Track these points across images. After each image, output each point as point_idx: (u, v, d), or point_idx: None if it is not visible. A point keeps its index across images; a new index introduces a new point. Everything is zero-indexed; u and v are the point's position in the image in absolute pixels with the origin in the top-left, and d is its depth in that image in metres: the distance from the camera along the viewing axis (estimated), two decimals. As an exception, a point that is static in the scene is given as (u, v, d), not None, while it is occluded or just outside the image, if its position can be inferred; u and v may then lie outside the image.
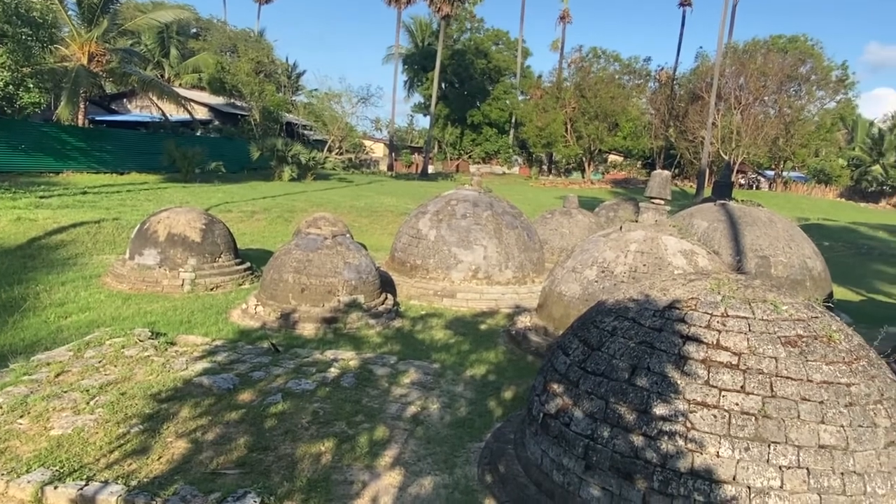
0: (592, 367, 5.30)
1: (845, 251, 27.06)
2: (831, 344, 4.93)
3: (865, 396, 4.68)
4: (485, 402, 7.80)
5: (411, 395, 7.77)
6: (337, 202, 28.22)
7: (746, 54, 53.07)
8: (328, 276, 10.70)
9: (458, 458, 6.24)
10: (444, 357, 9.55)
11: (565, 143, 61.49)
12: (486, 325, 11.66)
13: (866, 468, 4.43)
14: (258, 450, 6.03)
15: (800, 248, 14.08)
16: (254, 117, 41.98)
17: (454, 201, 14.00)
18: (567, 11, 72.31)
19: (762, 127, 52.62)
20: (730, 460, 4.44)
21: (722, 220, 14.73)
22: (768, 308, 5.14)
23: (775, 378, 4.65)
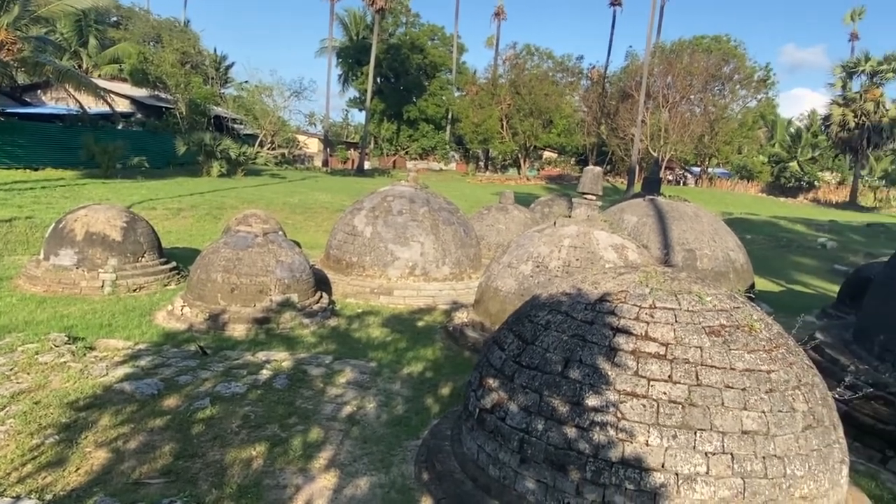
0: (527, 361, 5.35)
1: (766, 244, 28.35)
2: (752, 333, 5.14)
3: (784, 383, 4.90)
4: (422, 399, 7.78)
5: (347, 394, 7.68)
6: (269, 199, 27.62)
7: (673, 54, 55.03)
8: (259, 275, 10.42)
9: (394, 456, 6.20)
10: (381, 355, 9.47)
11: (501, 140, 62.24)
12: (424, 321, 11.63)
13: (786, 451, 4.63)
14: (185, 457, 5.82)
15: (723, 242, 14.67)
16: (179, 110, 40.47)
17: (390, 197, 13.91)
18: (501, 8, 73.14)
19: (689, 125, 54.67)
20: (658, 448, 4.56)
21: (651, 214, 15.19)
22: (693, 299, 5.31)
23: (700, 367, 4.80)
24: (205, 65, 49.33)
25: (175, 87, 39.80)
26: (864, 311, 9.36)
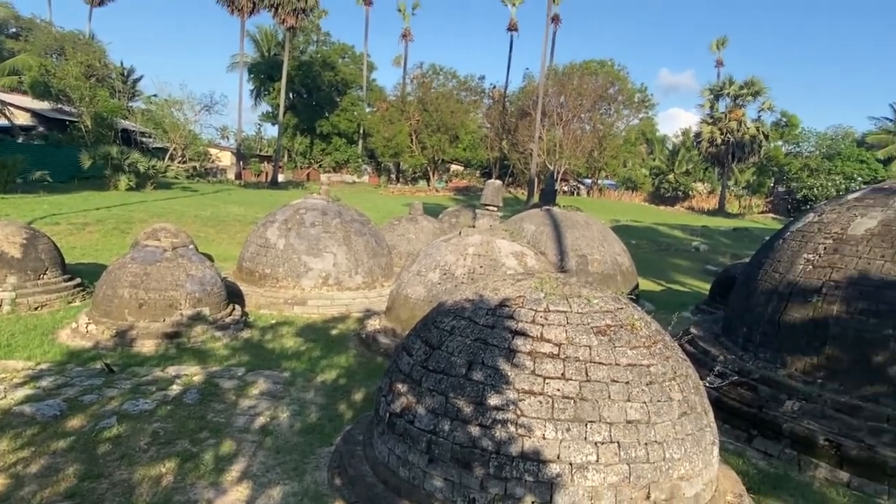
0: (433, 366, 5.36)
1: (648, 248, 29.89)
2: (634, 331, 5.38)
3: (662, 375, 5.16)
4: (335, 406, 7.62)
5: (260, 405, 7.39)
6: (180, 212, 26.32)
7: (565, 76, 57.18)
8: (169, 290, 9.89)
9: (308, 464, 6.04)
10: (295, 365, 9.20)
11: (411, 153, 62.46)
12: (338, 330, 11.42)
13: (665, 437, 4.87)
14: (90, 478, 5.40)
15: (611, 247, 15.37)
16: (85, 123, 37.81)
17: (303, 210, 13.61)
18: (408, 30, 73.53)
19: (580, 141, 57.02)
20: (554, 441, 4.69)
21: (547, 223, 15.69)
22: (583, 302, 5.51)
23: (590, 364, 4.98)
24: (111, 78, 46.51)
25: (79, 101, 37.20)
26: (729, 306, 10.03)
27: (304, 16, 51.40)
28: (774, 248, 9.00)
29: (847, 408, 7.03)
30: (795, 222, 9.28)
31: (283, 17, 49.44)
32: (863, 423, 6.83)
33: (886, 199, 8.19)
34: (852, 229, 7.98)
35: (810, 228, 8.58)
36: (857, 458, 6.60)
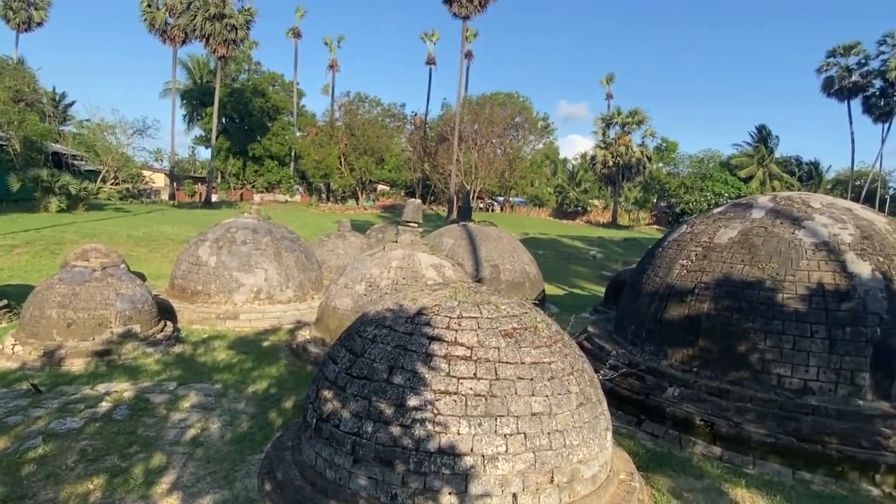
0: (357, 372, 5.25)
1: (553, 257, 30.76)
2: (537, 332, 5.48)
3: (562, 370, 5.28)
4: (266, 414, 7.30)
5: (191, 418, 6.97)
6: (112, 232, 24.65)
7: (478, 106, 58.25)
8: (98, 309, 9.21)
9: (238, 472, 5.75)
10: (227, 377, 8.74)
11: (340, 175, 61.61)
12: (269, 341, 10.98)
13: (565, 426, 4.98)
14: (13, 500, 4.92)
15: (520, 257, 15.69)
16: (13, 147, 34.85)
17: (234, 229, 13.08)
18: (335, 61, 72.66)
19: (493, 163, 58.18)
20: (467, 436, 4.68)
21: (464, 237, 15.83)
22: (492, 308, 5.56)
23: (498, 364, 5.02)
24: (42, 102, 43.21)
25: (7, 125, 34.27)
26: (620, 307, 10.43)
27: (235, 46, 49.68)
28: (655, 255, 9.46)
29: (718, 391, 7.44)
30: (672, 233, 9.79)
31: (215, 46, 47.64)
32: (731, 405, 7.25)
33: (744, 213, 8.80)
34: (717, 238, 8.51)
35: (684, 238, 9.07)
36: (727, 435, 7.00)
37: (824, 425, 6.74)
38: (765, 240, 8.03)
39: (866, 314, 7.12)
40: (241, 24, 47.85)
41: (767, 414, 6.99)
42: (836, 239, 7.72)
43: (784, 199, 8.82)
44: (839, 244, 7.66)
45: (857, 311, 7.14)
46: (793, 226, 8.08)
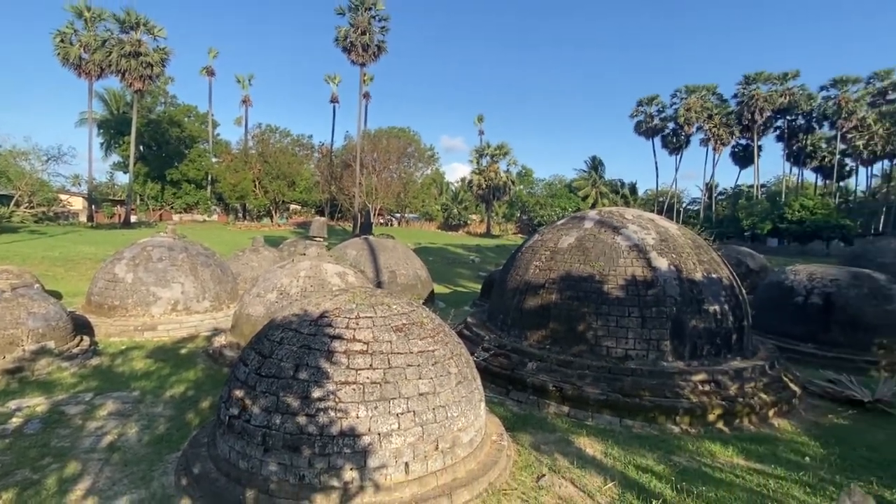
0: (266, 372, 4.93)
1: (441, 262, 31.19)
2: (423, 326, 5.48)
3: (443, 356, 5.31)
4: (184, 416, 6.62)
5: (108, 425, 6.14)
6: (26, 254, 21.35)
7: (376, 138, 57.86)
8: (9, 329, 7.86)
9: (155, 471, 5.15)
10: (145, 384, 7.83)
11: (255, 196, 58.09)
12: (187, 349, 10.00)
13: (446, 402, 5.01)
14: None
15: (413, 263, 15.71)
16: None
17: (150, 247, 11.82)
18: (248, 97, 68.54)
19: (390, 185, 57.97)
20: (365, 418, 4.56)
21: (365, 248, 15.56)
22: (385, 308, 5.48)
23: (391, 355, 4.95)
24: (-53, 131, 36.55)
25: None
26: (491, 300, 10.75)
27: (151, 81, 45.21)
28: (516, 258, 9.87)
29: (564, 363, 7.89)
30: (528, 241, 10.26)
31: (131, 81, 43.00)
32: (574, 372, 7.71)
33: (579, 224, 9.44)
34: (560, 244, 9.05)
35: (536, 244, 9.56)
36: (572, 396, 7.43)
37: (640, 383, 7.38)
38: (594, 244, 8.67)
39: (666, 297, 7.92)
40: (156, 61, 43.65)
41: (600, 377, 7.52)
42: (643, 241, 8.52)
43: (607, 212, 9.60)
44: (645, 245, 8.46)
45: (659, 295, 7.92)
46: (613, 232, 8.80)
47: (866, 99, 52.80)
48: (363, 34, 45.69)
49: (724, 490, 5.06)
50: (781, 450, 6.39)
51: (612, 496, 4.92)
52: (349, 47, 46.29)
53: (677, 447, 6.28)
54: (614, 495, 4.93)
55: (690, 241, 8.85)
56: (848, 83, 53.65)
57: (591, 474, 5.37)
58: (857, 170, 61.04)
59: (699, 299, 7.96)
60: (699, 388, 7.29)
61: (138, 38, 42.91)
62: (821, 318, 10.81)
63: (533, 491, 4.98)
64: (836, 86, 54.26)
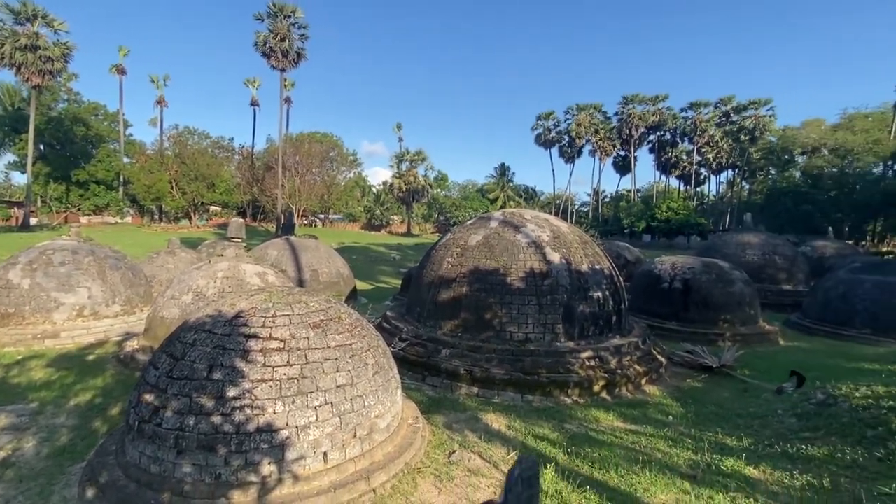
0: (178, 374, 4.53)
1: (364, 260, 30.61)
2: (340, 321, 5.33)
3: (360, 349, 5.21)
4: (90, 425, 5.88)
5: (0, 441, 5.31)
6: None
7: (298, 142, 55.41)
8: None
9: (56, 485, 4.54)
10: (44, 394, 6.82)
11: (172, 198, 53.16)
12: (95, 355, 8.89)
13: (364, 391, 4.92)
14: None
15: (335, 262, 15.25)
16: None
17: (50, 251, 10.35)
18: (163, 98, 62.52)
19: (314, 188, 55.82)
20: (283, 413, 4.36)
21: (287, 248, 14.84)
22: (302, 306, 5.25)
23: (308, 350, 4.77)
24: None
25: None
26: (409, 294, 10.75)
27: (51, 77, 39.58)
28: (430, 255, 9.94)
29: (474, 348, 8.09)
30: (441, 239, 10.38)
31: (28, 76, 37.40)
32: (482, 356, 7.93)
33: (486, 223, 9.71)
34: (470, 242, 9.26)
35: (448, 242, 9.69)
36: (480, 378, 7.64)
37: (538, 362, 7.77)
38: (498, 241, 8.97)
39: (558, 286, 8.40)
40: (57, 56, 38.30)
41: (505, 359, 7.81)
42: (540, 239, 8.97)
43: (509, 213, 9.97)
44: (541, 242, 8.90)
45: (553, 285, 8.38)
46: (515, 231, 9.17)
47: (714, 120, 59.87)
48: (283, 41, 43.46)
49: (605, 450, 5.49)
50: (651, 412, 7.05)
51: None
52: (269, 52, 43.80)
53: (569, 416, 6.70)
54: (516, 463, 5.14)
55: (578, 238, 9.46)
56: (701, 106, 60.49)
57: (496, 446, 5.55)
58: (709, 178, 69.01)
59: (585, 287, 8.54)
60: (586, 364, 7.83)
61: (35, 30, 37.40)
62: (681, 300, 12.08)
63: (445, 466, 5.05)
64: (693, 108, 60.96)
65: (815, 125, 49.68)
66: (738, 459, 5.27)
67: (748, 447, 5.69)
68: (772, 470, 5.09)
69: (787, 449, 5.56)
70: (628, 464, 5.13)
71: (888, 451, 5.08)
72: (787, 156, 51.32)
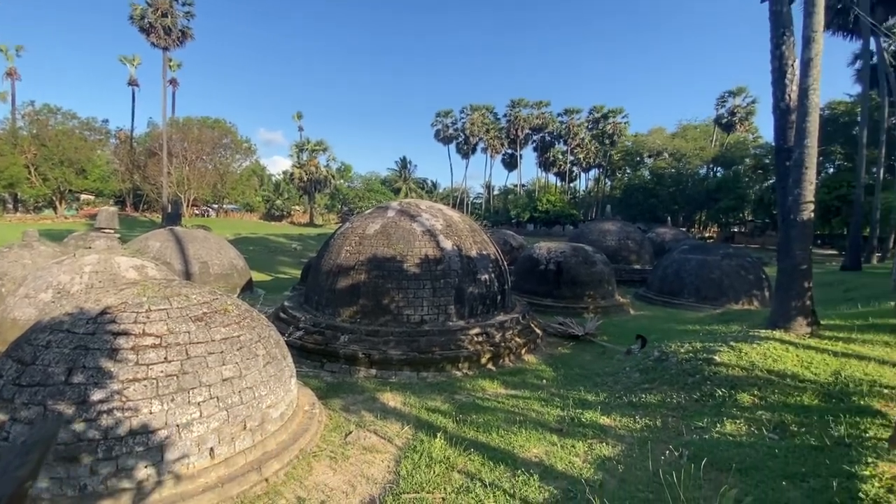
0: (27, 381, 3.81)
1: (262, 251, 28.56)
2: (227, 313, 4.91)
3: (250, 340, 4.85)
4: None
5: None
6: None
7: (186, 127, 49.36)
8: None
9: None
10: None
11: (31, 185, 44.08)
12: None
13: (254, 383, 4.61)
14: None
15: (228, 253, 13.98)
16: None
17: None
18: (14, 69, 51.21)
19: (205, 176, 50.31)
20: (160, 412, 3.90)
21: (171, 240, 13.24)
22: (182, 299, 4.74)
23: (189, 345, 4.32)
24: None
25: None
26: (307, 284, 10.28)
27: None
28: (329, 244, 9.59)
29: (373, 332, 8.02)
30: (340, 228, 10.07)
31: None
32: (380, 339, 7.90)
33: (384, 213, 9.62)
34: (368, 230, 9.11)
35: (347, 231, 9.43)
36: (378, 360, 7.61)
37: (433, 341, 7.96)
38: (395, 230, 8.95)
39: (450, 271, 8.66)
40: None
41: (402, 341, 7.87)
42: (434, 227, 9.14)
43: (406, 203, 9.99)
44: (435, 230, 9.08)
45: (446, 270, 8.61)
46: (411, 220, 9.22)
47: (585, 125, 65.98)
48: (164, 16, 38.14)
49: (489, 415, 5.83)
50: (528, 377, 7.65)
51: (408, 437, 5.21)
52: (148, 28, 38.18)
53: (459, 388, 6.99)
54: (409, 436, 5.23)
55: (468, 226, 9.82)
56: (574, 112, 66.18)
57: (391, 423, 5.59)
58: (580, 175, 76.10)
59: (474, 271, 8.92)
60: (475, 339, 8.21)
61: None
62: (555, 280, 13.22)
63: (341, 447, 4.96)
64: (567, 114, 66.45)
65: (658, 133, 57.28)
66: (594, 412, 5.96)
67: (603, 400, 6.45)
68: (620, 417, 5.83)
69: (632, 399, 6.41)
70: (508, 425, 5.51)
71: (702, 393, 6.10)
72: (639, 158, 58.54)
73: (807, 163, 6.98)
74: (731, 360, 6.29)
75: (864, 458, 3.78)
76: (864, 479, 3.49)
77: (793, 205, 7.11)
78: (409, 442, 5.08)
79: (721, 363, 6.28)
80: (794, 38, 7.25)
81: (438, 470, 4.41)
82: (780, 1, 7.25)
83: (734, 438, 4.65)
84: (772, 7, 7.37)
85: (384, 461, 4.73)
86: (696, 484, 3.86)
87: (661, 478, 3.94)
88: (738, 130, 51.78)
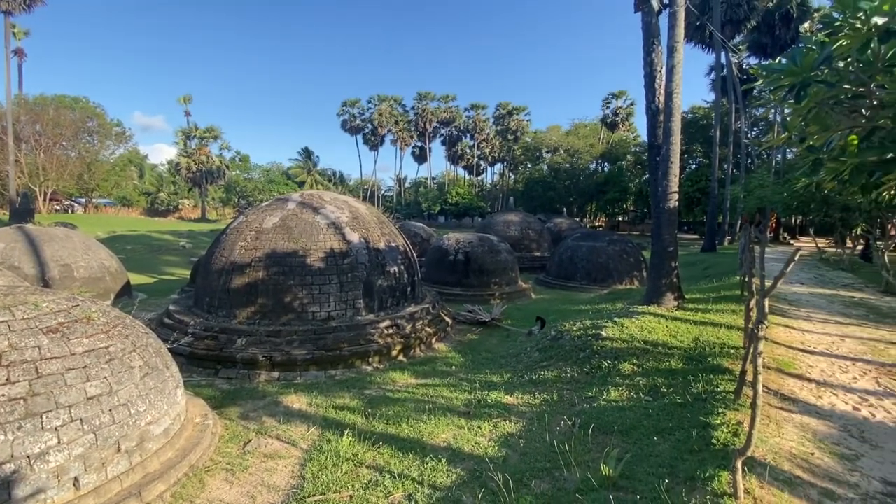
0: None
1: (143, 251, 25.25)
2: (90, 322, 4.27)
3: (122, 351, 4.28)
4: None
5: None
6: None
7: (38, 106, 41.45)
8: None
9: None
10: None
11: None
12: None
13: (129, 398, 4.08)
14: None
15: (97, 254, 12.12)
16: None
17: None
18: None
19: (66, 165, 42.86)
20: (4, 443, 3.27)
21: (20, 239, 11.10)
22: (30, 308, 4.01)
23: (41, 362, 3.67)
24: None
25: None
26: (197, 285, 9.35)
27: None
28: (221, 240, 8.80)
29: (274, 333, 7.57)
30: (233, 222, 9.29)
31: None
32: (283, 340, 7.49)
33: (283, 205, 9.07)
34: (265, 224, 8.52)
35: (241, 225, 8.73)
36: (282, 362, 7.21)
37: (340, 337, 7.74)
38: (297, 223, 8.50)
39: (358, 264, 8.47)
40: None
41: (307, 340, 7.54)
42: (339, 219, 8.85)
43: (308, 195, 9.52)
44: (341, 222, 8.80)
45: (353, 263, 8.41)
46: (314, 212, 8.81)
47: (490, 121, 68.62)
48: (0, -30, 31.43)
49: (399, 406, 5.84)
50: (439, 365, 7.81)
51: (314, 439, 5.02)
52: (-24, -18, 31.16)
53: (369, 382, 6.90)
54: (315, 437, 5.04)
55: (376, 218, 9.67)
56: (480, 108, 68.45)
57: (296, 426, 5.33)
58: (487, 169, 79.17)
59: (383, 264, 8.83)
60: (385, 332, 8.16)
61: None
62: (463, 269, 13.65)
63: (239, 458, 4.61)
64: (474, 109, 68.51)
65: (555, 130, 61.70)
66: (499, 392, 6.28)
67: (507, 381, 6.83)
68: (522, 395, 6.23)
69: (532, 377, 6.88)
70: (417, 414, 5.57)
71: (592, 366, 6.76)
72: (538, 153, 62.59)
73: (672, 157, 8.03)
74: (615, 335, 7.04)
75: (716, 410, 4.48)
76: (715, 427, 4.14)
77: (662, 195, 8.15)
78: (315, 443, 4.89)
79: (607, 337, 7.01)
80: (661, 48, 8.24)
81: (346, 468, 4.32)
82: (650, 13, 8.18)
83: (617, 404, 5.23)
84: (643, 18, 8.29)
85: (288, 466, 4.50)
86: (586, 448, 4.27)
87: (555, 447, 4.28)
88: (621, 129, 57.86)
